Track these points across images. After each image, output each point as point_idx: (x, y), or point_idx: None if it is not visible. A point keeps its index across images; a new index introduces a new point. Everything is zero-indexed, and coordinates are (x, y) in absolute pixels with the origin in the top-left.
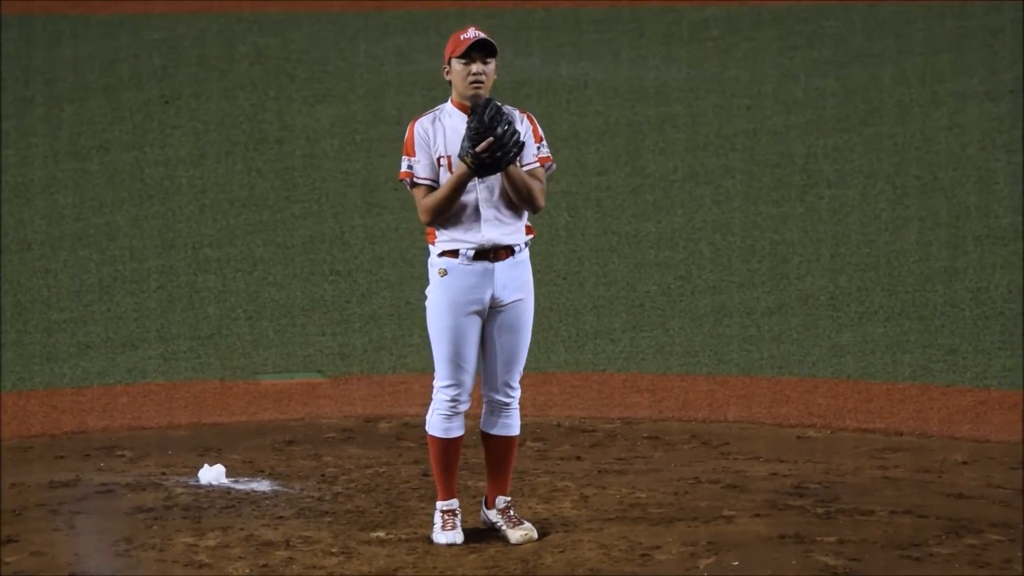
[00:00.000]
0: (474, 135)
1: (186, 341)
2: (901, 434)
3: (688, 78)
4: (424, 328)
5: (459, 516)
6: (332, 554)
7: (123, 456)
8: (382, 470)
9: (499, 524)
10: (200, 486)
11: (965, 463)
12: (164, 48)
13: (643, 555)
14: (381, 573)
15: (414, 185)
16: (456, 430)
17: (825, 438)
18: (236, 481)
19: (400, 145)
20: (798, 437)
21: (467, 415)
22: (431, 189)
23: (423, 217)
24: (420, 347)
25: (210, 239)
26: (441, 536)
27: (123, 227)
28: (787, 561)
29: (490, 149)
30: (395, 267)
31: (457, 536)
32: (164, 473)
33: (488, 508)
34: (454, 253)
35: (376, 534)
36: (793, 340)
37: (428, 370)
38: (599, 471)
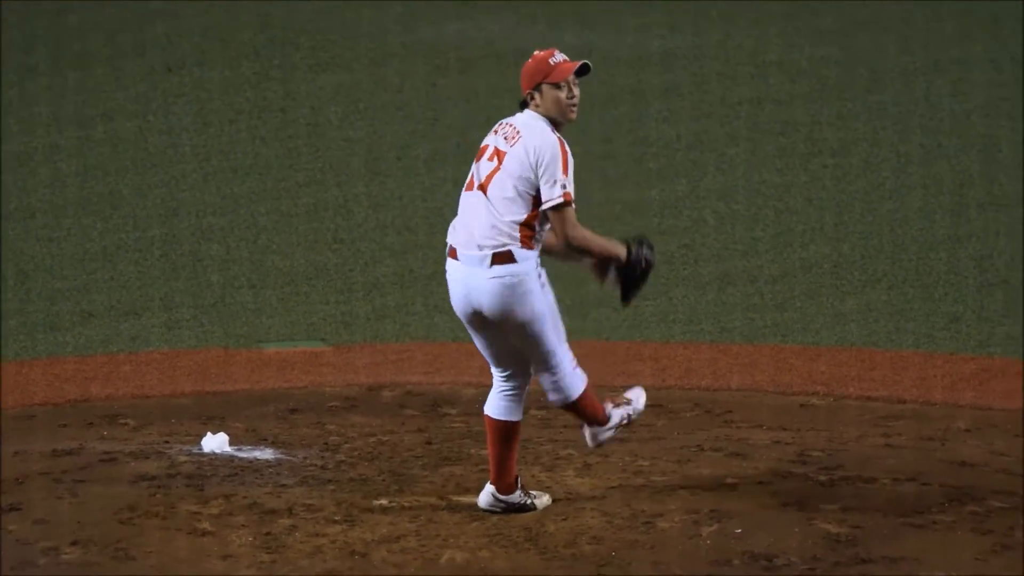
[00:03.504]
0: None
1: (189, 309)
2: (904, 402)
3: (692, 46)
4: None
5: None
6: (335, 522)
7: (126, 424)
8: (385, 438)
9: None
10: (203, 454)
11: (968, 431)
12: (167, 16)
13: (646, 523)
14: (384, 541)
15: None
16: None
17: (828, 406)
18: (239, 449)
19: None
20: (801, 405)
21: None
22: None
23: (576, 233)
24: (423, 315)
25: (213, 207)
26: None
27: (126, 195)
28: (790, 529)
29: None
30: (398, 235)
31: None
32: (167, 441)
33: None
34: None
35: (379, 502)
36: (796, 308)
37: (430, 338)
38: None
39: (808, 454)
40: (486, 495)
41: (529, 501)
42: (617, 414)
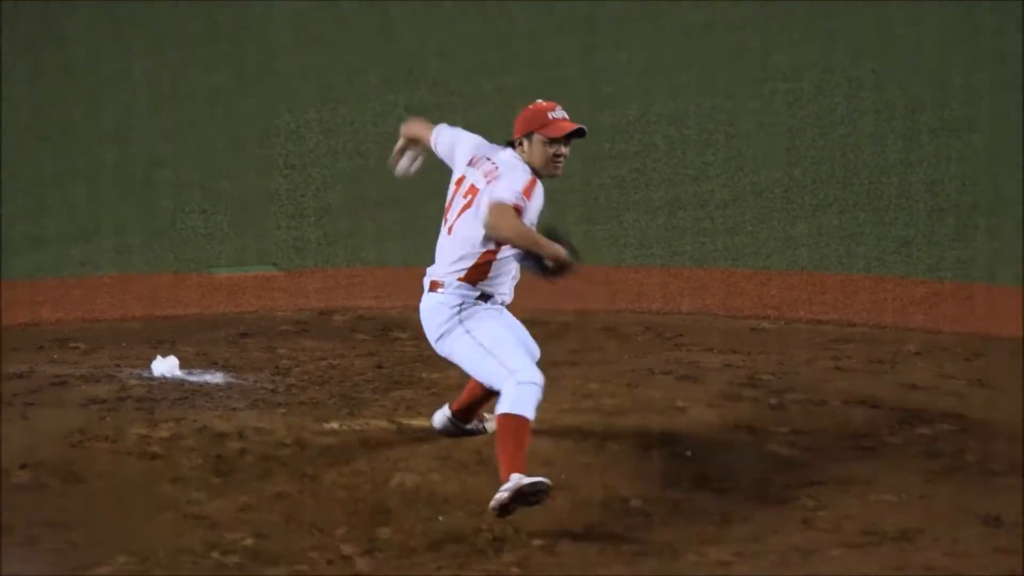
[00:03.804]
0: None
1: (140, 234)
2: (854, 325)
3: None
4: None
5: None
6: (285, 445)
7: (77, 348)
8: (336, 362)
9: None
10: (153, 378)
11: (918, 354)
12: None
13: (596, 445)
14: (334, 464)
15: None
16: None
17: (778, 329)
18: (189, 373)
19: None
20: (751, 328)
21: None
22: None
23: (512, 230)
24: (374, 240)
25: (165, 132)
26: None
27: (78, 121)
28: (740, 451)
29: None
30: (350, 160)
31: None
32: (118, 365)
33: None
34: (488, 296)
35: (330, 425)
36: (747, 232)
37: (381, 262)
38: (553, 363)
39: (758, 377)
40: (442, 417)
41: (481, 425)
42: (516, 479)
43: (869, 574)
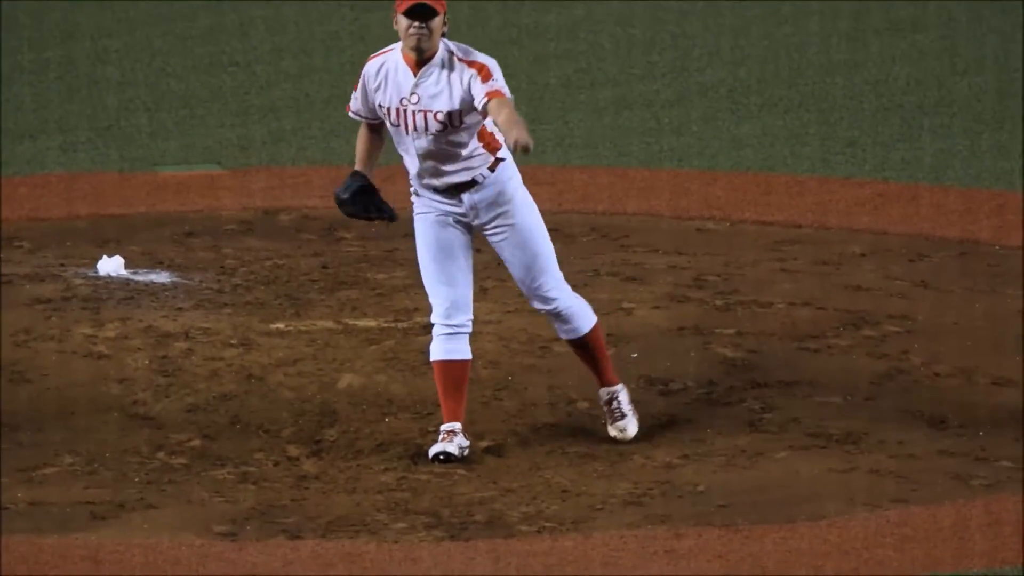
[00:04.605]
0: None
1: (85, 132)
2: (800, 226)
3: None
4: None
5: (459, 435)
6: (231, 345)
7: (22, 247)
8: (281, 262)
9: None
10: (99, 277)
11: (863, 255)
12: None
13: (542, 347)
14: (281, 364)
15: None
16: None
17: (724, 230)
18: (135, 272)
19: None
20: (698, 229)
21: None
22: (366, 122)
23: None
24: (319, 139)
25: (110, 29)
26: (433, 447)
27: (21, 17)
28: (686, 353)
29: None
30: (295, 58)
31: (447, 446)
32: (63, 264)
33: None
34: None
35: (276, 325)
36: (693, 133)
37: (327, 162)
38: (499, 263)
39: (704, 279)
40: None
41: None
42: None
43: (815, 476)
